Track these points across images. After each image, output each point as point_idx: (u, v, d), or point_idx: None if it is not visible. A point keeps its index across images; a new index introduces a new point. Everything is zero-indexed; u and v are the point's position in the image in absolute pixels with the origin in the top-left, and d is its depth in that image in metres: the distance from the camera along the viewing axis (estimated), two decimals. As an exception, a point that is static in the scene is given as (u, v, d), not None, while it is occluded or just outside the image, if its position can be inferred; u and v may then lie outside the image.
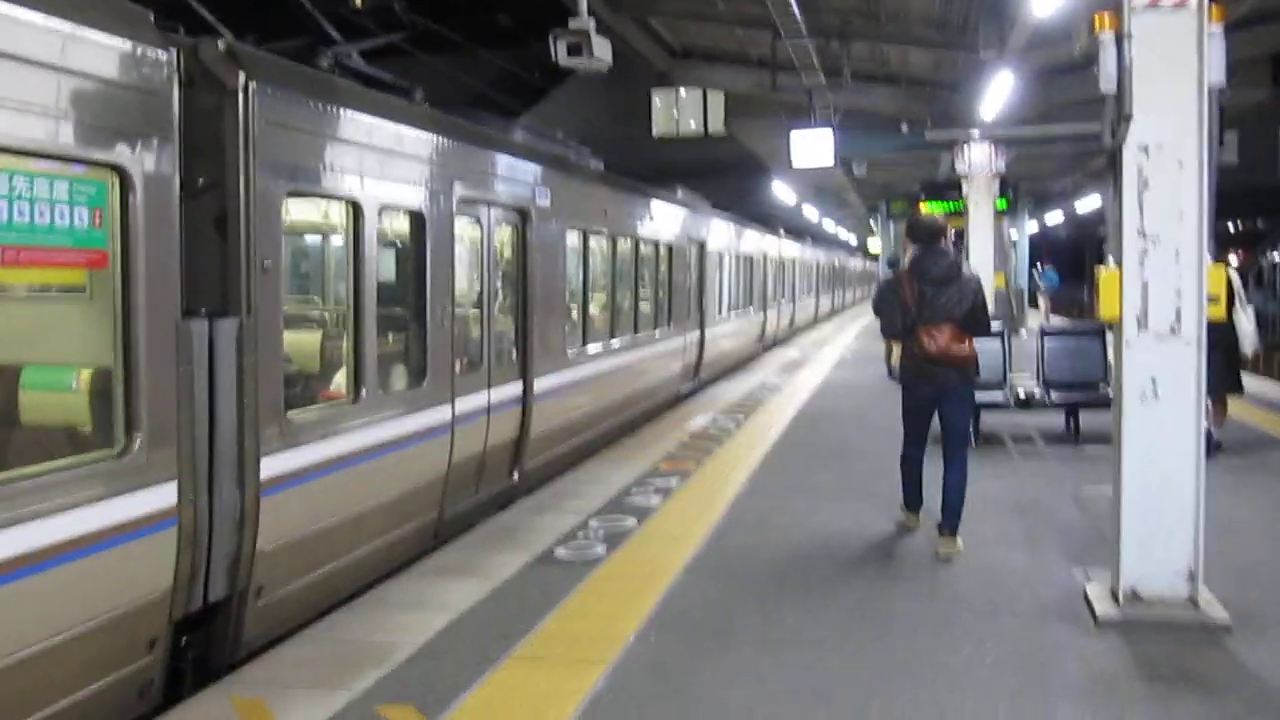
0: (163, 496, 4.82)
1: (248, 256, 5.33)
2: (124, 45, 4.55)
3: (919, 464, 7.27)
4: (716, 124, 29.92)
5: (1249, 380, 11.91)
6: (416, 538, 7.46)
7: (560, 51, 7.67)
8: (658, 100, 41.95)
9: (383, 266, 7.11)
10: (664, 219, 14.36)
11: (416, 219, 7.29)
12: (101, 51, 4.44)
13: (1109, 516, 7.24)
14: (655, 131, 41.20)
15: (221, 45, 5.29)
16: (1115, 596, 5.56)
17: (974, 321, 6.82)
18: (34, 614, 4.22)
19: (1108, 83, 5.27)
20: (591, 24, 7.56)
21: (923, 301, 6.73)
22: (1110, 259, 5.54)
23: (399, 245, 7.68)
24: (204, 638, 5.49)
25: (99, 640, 4.53)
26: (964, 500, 6.84)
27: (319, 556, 6.19)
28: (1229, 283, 8.61)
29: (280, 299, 5.72)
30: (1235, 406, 10.60)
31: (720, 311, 18.67)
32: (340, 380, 6.74)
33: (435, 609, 5.94)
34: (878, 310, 7.20)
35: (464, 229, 8.38)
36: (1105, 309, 5.41)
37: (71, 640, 4.39)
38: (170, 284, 4.84)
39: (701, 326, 16.80)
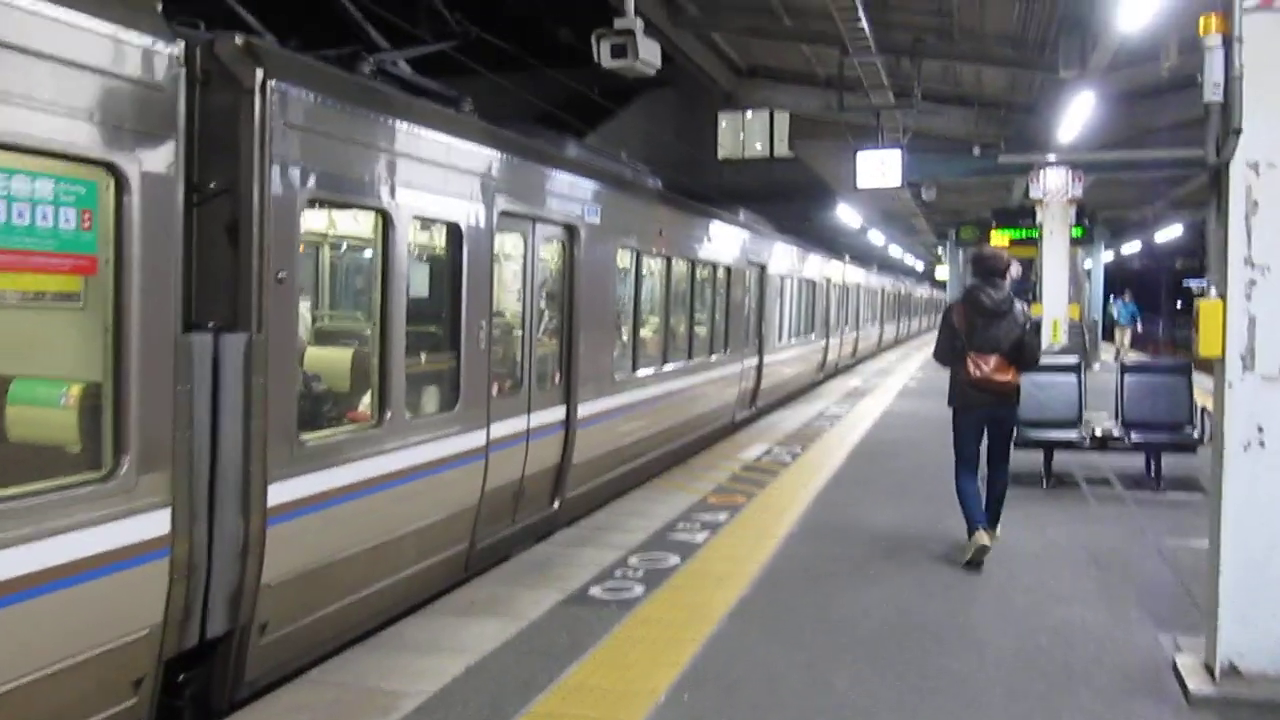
0: (153, 524, 4.44)
1: (260, 267, 4.96)
2: (121, 35, 4.20)
3: (976, 488, 7.42)
4: (782, 146, 29.47)
5: None
6: (444, 570, 7.02)
7: (604, 53, 7.21)
8: (724, 122, 41.88)
9: (414, 281, 6.73)
10: (723, 240, 13.87)
11: (453, 232, 6.90)
12: (94, 40, 4.09)
13: (1199, 575, 6.64)
14: (721, 154, 41.06)
15: (240, 41, 4.93)
16: (1210, 671, 4.92)
17: (1019, 354, 7.20)
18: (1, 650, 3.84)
19: (1213, 92, 4.69)
20: (638, 24, 7.08)
21: (973, 331, 7.20)
22: (1212, 290, 4.92)
23: (433, 259, 7.30)
24: (205, 675, 5.10)
25: (75, 680, 4.14)
26: (1004, 503, 7.53)
27: (333, 590, 5.77)
28: None
29: (295, 313, 5.35)
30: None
31: (780, 337, 18.09)
32: (363, 402, 6.35)
33: (454, 652, 5.49)
34: (938, 337, 7.61)
35: (505, 244, 7.99)
36: (1205, 345, 4.80)
37: (44, 679, 4.00)
38: (168, 294, 4.47)
39: (760, 352, 16.26)
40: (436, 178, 6.55)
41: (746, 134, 42.21)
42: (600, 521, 8.75)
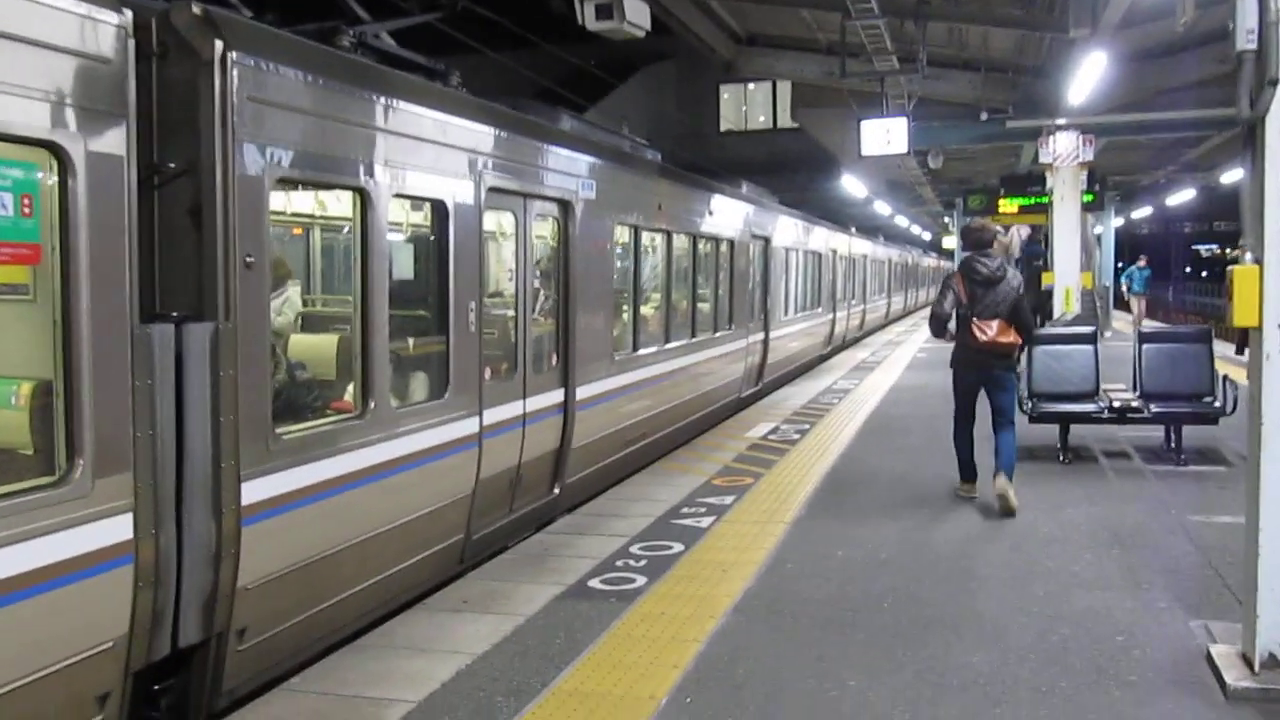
0: (113, 530, 4.14)
1: (226, 251, 4.64)
2: (59, 3, 3.86)
3: (969, 439, 8.25)
4: (785, 117, 28.98)
5: None
6: (438, 563, 6.73)
7: (589, 15, 6.82)
8: (726, 94, 41.32)
9: (397, 263, 6.41)
10: (725, 214, 13.49)
11: (438, 210, 6.56)
12: (28, 9, 3.76)
13: (1227, 554, 6.35)
14: (723, 126, 40.55)
15: (197, 9, 4.59)
16: (1249, 662, 4.61)
17: (1018, 317, 7.85)
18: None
19: (1246, 40, 4.32)
20: None
21: (974, 299, 7.82)
22: (1247, 254, 4.57)
23: (417, 239, 6.97)
24: (181, 685, 4.82)
25: (31, 699, 3.86)
26: (1015, 456, 7.94)
27: (317, 590, 5.47)
28: None
29: (267, 299, 5.02)
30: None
31: (786, 311, 17.73)
32: (349, 391, 6.03)
33: (445, 653, 5.22)
34: (934, 306, 8.11)
35: (495, 222, 7.65)
36: (1240, 314, 4.45)
37: None
38: (122, 283, 4.15)
39: (766, 328, 15.91)
40: (418, 154, 6.21)
41: (749, 105, 41.68)
42: (602, 507, 8.47)
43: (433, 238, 6.68)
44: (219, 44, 4.57)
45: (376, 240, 5.79)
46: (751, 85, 39.76)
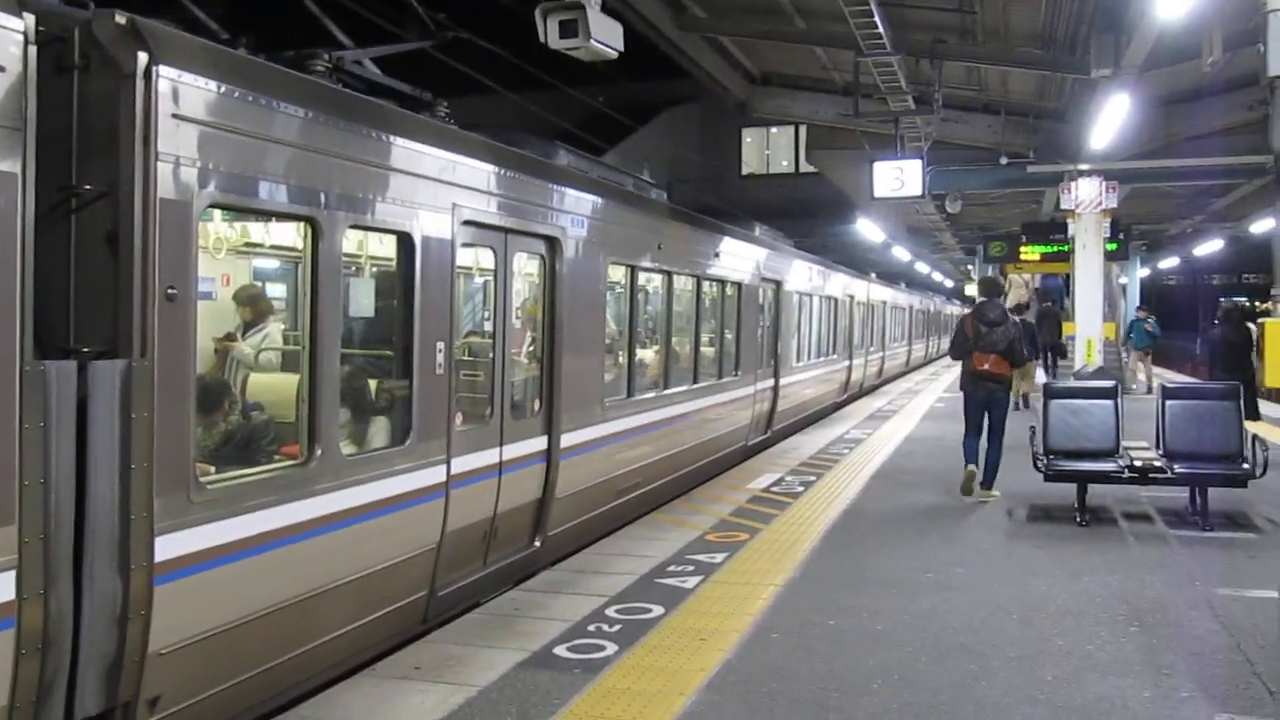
0: None
1: (145, 281, 4.23)
2: None
3: (975, 447, 10.22)
4: (804, 160, 28.63)
5: None
6: (395, 622, 6.22)
7: (551, 32, 6.39)
8: (748, 138, 41.14)
9: (354, 298, 5.98)
10: (733, 256, 13.02)
11: (404, 243, 6.12)
12: None
13: (1258, 634, 5.75)
14: (745, 169, 40.31)
15: (121, 19, 4.20)
16: (1283, 770, 4.04)
17: (1011, 353, 10.05)
18: None
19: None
20: None
21: (978, 336, 10.02)
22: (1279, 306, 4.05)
23: (378, 274, 6.54)
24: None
25: None
26: (999, 466, 10.13)
27: (249, 654, 4.99)
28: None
29: (191, 335, 4.54)
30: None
31: (799, 357, 17.20)
32: (293, 437, 5.57)
33: (380, 731, 4.70)
34: (952, 340, 10.55)
35: (470, 257, 7.21)
36: (1273, 372, 3.91)
37: None
38: (8, 315, 3.72)
39: (776, 374, 15.38)
40: (380, 182, 5.79)
41: (772, 149, 41.48)
42: (584, 563, 7.95)
43: (398, 273, 6.23)
44: (143, 56, 4.20)
45: (328, 274, 5.37)
46: (774, 129, 39.58)
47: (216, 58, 4.74)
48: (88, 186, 4.14)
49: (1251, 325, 12.17)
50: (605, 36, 6.37)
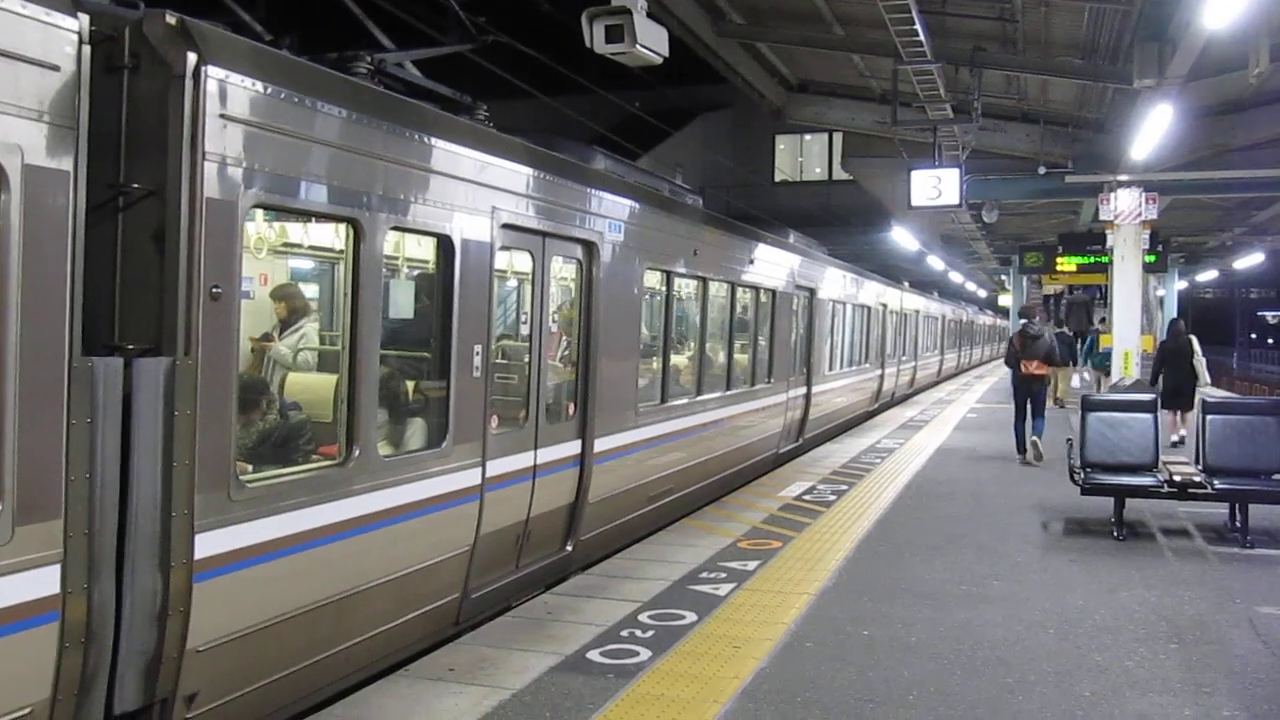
0: (36, 584, 3.73)
1: (190, 280, 4.25)
2: None
3: (1021, 427, 13.73)
4: (838, 167, 28.48)
5: None
6: (429, 624, 6.24)
7: (597, 37, 6.37)
8: (782, 145, 41.03)
9: (394, 300, 5.99)
10: (768, 263, 12.98)
11: (443, 246, 6.14)
12: None
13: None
14: (778, 176, 40.24)
15: (171, 19, 4.25)
16: (1329, 794, 3.96)
17: (1049, 359, 13.84)
18: None
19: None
20: (639, 2, 6.18)
21: (1025, 347, 13.69)
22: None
23: (417, 276, 6.55)
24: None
25: None
26: (1043, 431, 13.67)
27: (285, 653, 5.01)
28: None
29: (235, 334, 4.56)
30: None
31: (831, 365, 17.12)
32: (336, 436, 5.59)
33: (415, 733, 4.71)
34: (1006, 351, 14.74)
35: (508, 261, 7.22)
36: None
37: None
38: (59, 311, 3.76)
39: (808, 382, 15.31)
40: (421, 185, 5.81)
41: (805, 156, 41.37)
42: (616, 568, 7.95)
43: (437, 275, 6.24)
44: (192, 56, 4.22)
45: (369, 275, 5.38)
46: (808, 136, 39.45)
47: (262, 58, 4.77)
48: (135, 185, 4.17)
49: (1192, 336, 14.99)
50: (651, 42, 6.36)
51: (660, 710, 4.99)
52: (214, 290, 4.35)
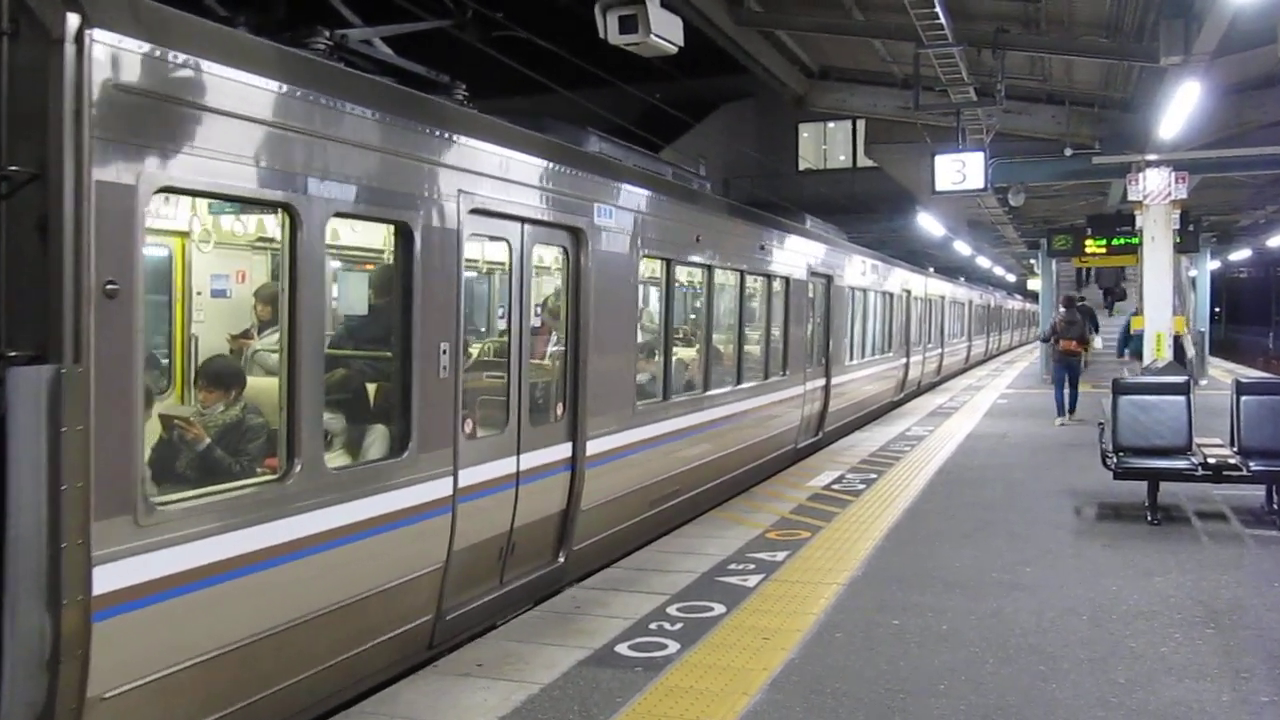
0: None
1: (78, 276, 3.72)
2: None
3: (1061, 394, 16.89)
4: (861, 154, 28.31)
5: None
6: (393, 651, 5.64)
7: (611, 28, 6.28)
8: (805, 133, 40.88)
9: (344, 295, 5.54)
10: (781, 249, 12.52)
11: (401, 233, 5.52)
12: None
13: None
14: (802, 164, 40.06)
15: None
16: (1373, 779, 3.88)
17: (1082, 338, 17.33)
18: None
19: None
20: None
21: (1065, 329, 17.17)
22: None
23: (372, 268, 6.04)
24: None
25: None
26: (1078, 400, 16.94)
27: (211, 695, 4.43)
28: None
29: (138, 336, 4.01)
30: None
31: (852, 356, 16.69)
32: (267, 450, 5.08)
33: (443, 729, 4.70)
34: (1049, 330, 18.70)
35: (480, 249, 6.72)
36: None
37: None
38: None
39: (827, 373, 14.87)
40: (372, 166, 5.22)
41: (829, 144, 41.16)
42: (644, 561, 7.93)
43: (395, 267, 5.64)
44: (74, 18, 3.67)
45: (308, 266, 4.80)
46: (831, 124, 39.25)
47: (165, 21, 4.18)
48: (15, 168, 3.68)
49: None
50: (665, 31, 6.25)
51: (689, 703, 4.97)
52: (109, 287, 3.82)
